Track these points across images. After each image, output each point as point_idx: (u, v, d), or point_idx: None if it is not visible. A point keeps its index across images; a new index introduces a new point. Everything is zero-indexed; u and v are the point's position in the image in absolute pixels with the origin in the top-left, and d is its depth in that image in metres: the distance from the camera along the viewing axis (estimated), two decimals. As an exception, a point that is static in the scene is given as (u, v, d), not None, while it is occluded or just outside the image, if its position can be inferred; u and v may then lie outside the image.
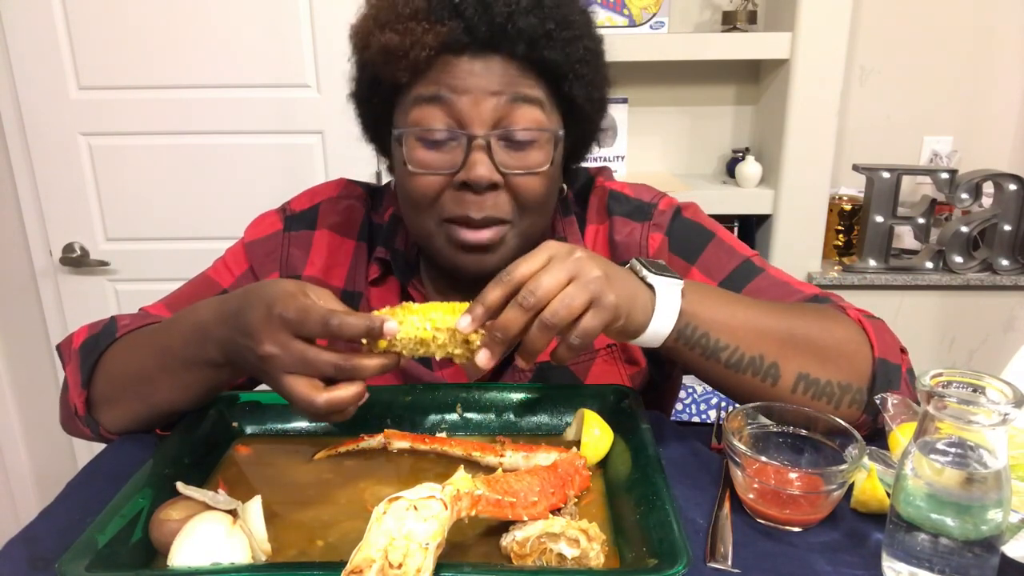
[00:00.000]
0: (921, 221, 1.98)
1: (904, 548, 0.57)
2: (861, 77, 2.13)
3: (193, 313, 0.77)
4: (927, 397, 0.55)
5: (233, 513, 0.61)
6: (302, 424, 0.82)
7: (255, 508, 0.62)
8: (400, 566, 0.50)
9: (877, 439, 0.77)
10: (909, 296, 2.02)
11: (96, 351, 0.84)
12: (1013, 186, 1.92)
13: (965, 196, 1.92)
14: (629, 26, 2.00)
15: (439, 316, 0.68)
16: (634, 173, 2.13)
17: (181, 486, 0.64)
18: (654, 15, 1.99)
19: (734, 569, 0.61)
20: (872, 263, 2.01)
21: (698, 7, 2.08)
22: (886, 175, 1.94)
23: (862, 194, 2.03)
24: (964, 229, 1.96)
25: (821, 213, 2.00)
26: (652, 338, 0.73)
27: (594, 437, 0.75)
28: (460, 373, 0.93)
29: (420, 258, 0.97)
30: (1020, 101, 2.16)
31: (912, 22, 2.09)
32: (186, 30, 1.84)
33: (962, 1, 2.07)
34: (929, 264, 1.99)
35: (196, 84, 1.88)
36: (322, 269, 0.97)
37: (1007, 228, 1.95)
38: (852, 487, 0.69)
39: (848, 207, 2.07)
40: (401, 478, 0.74)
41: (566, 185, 0.95)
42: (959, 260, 1.98)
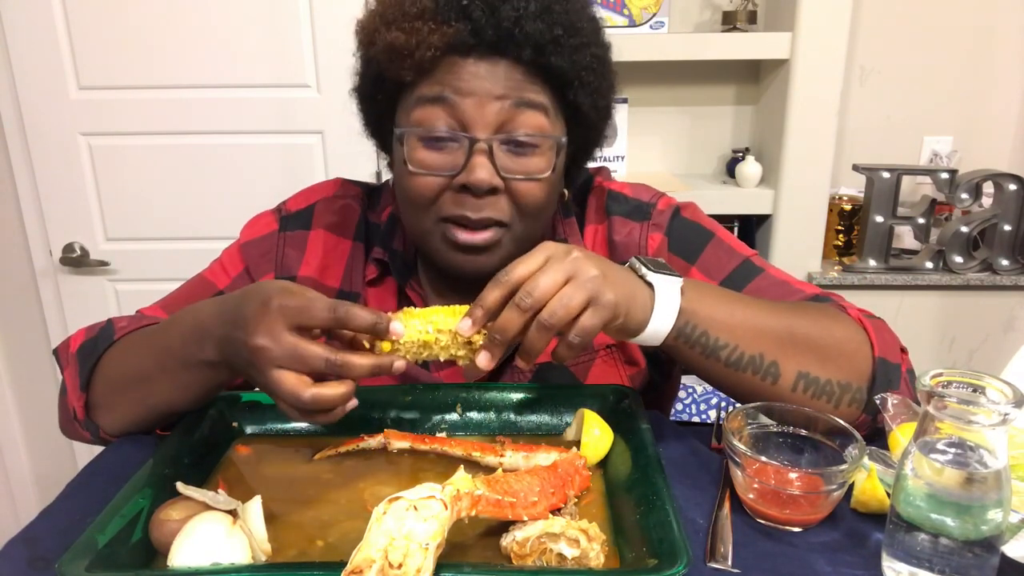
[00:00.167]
0: (921, 221, 1.98)
1: (904, 548, 0.57)
2: (861, 77, 2.13)
3: (192, 313, 0.76)
4: (927, 397, 0.55)
5: (233, 513, 0.61)
6: (302, 424, 0.82)
7: (255, 508, 0.62)
8: (400, 566, 0.50)
9: (877, 439, 0.77)
10: (909, 296, 2.02)
11: (94, 354, 0.83)
12: (1013, 186, 1.92)
13: (965, 196, 1.92)
14: (629, 26, 2.00)
15: (441, 319, 0.69)
16: (634, 173, 2.13)
17: (181, 486, 0.64)
18: (654, 15, 1.99)
19: (734, 569, 0.61)
20: (872, 263, 2.00)
21: (698, 7, 2.08)
22: (886, 175, 1.94)
23: (862, 194, 2.03)
24: (964, 229, 1.96)
25: (821, 213, 2.00)
26: (652, 336, 0.73)
27: (594, 437, 0.75)
28: (458, 374, 0.92)
29: (418, 259, 0.97)
30: (1020, 101, 2.16)
31: (912, 22, 2.09)
32: (186, 30, 1.84)
33: (962, 1, 2.06)
34: (929, 264, 1.99)
35: (196, 84, 1.88)
36: (317, 269, 0.96)
37: (1007, 228, 1.95)
38: (852, 487, 0.69)
39: (848, 207, 2.07)
40: (401, 478, 0.74)
41: (567, 190, 0.94)
42: (959, 260, 1.98)
